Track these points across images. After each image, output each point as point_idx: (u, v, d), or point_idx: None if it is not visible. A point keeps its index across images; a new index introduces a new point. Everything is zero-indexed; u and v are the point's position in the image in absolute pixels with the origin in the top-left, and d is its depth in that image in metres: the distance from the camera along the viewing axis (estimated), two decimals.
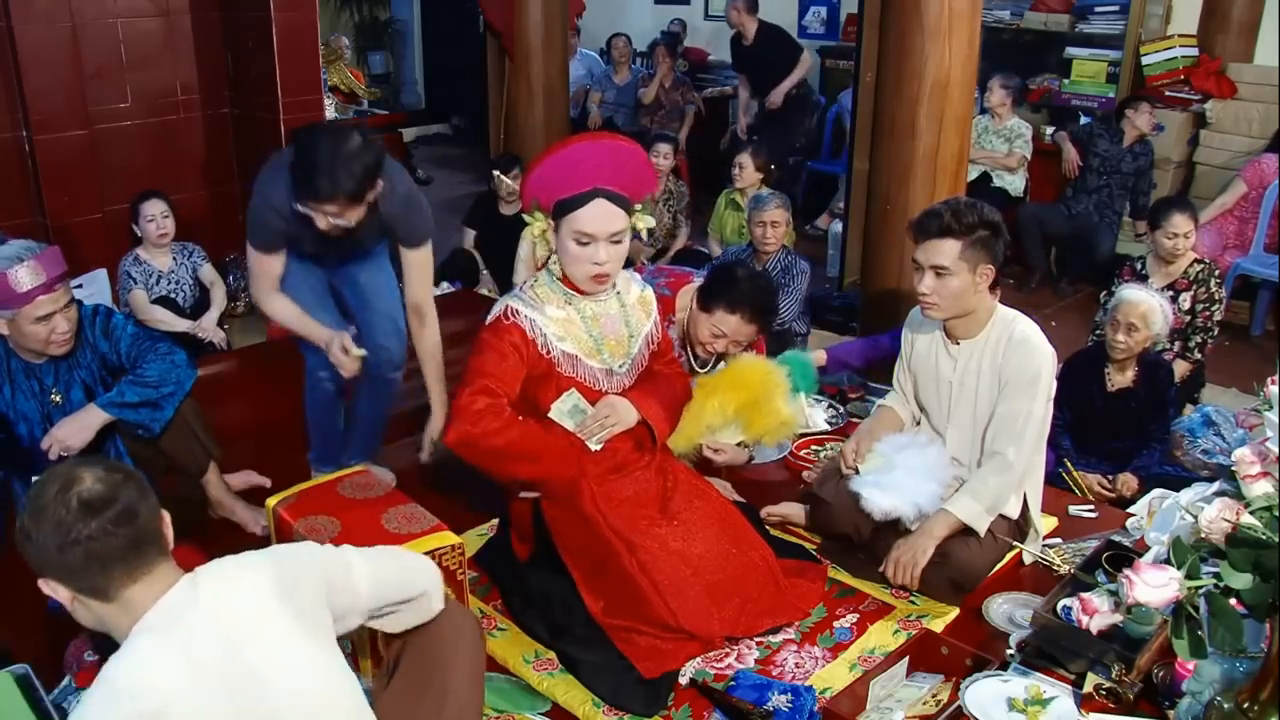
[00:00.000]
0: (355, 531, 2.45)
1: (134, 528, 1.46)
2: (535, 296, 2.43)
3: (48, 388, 2.64)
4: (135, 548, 1.46)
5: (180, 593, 1.49)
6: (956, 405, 2.68)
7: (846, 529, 2.70)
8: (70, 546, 1.43)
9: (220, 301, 4.75)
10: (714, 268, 3.21)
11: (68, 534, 1.43)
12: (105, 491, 1.45)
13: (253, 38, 4.97)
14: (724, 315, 3.01)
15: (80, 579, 1.46)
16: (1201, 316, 3.96)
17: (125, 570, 1.46)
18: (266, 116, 5.07)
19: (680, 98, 7.47)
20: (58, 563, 1.46)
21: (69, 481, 1.46)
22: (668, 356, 2.66)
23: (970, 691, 2.11)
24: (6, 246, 2.51)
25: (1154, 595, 1.67)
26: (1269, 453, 1.75)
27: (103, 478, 1.47)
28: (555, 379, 2.43)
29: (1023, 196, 5.96)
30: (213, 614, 1.49)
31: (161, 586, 1.49)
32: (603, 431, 2.46)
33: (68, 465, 1.50)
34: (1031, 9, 6.47)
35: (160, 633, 1.45)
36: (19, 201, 4.44)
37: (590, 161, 2.34)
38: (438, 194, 7.52)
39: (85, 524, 1.43)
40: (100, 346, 2.68)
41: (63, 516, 1.43)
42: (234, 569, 1.57)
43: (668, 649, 2.33)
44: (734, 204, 5.29)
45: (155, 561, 1.49)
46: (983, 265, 2.50)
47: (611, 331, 2.49)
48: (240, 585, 1.54)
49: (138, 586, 1.47)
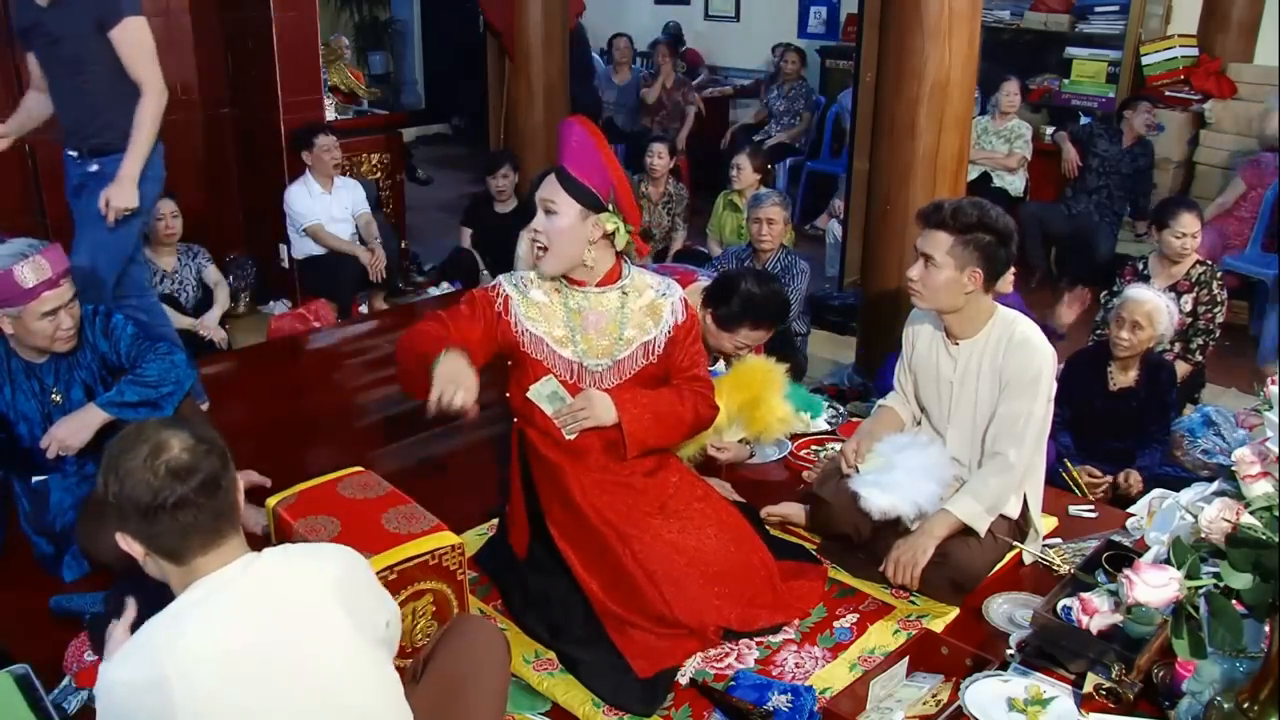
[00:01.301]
0: (355, 531, 2.45)
1: (216, 499, 1.50)
2: (526, 279, 2.50)
3: (48, 387, 2.64)
4: (215, 519, 1.51)
5: (236, 567, 1.53)
6: (956, 405, 2.68)
7: (846, 529, 2.70)
8: (156, 511, 1.46)
9: (223, 301, 4.77)
10: (721, 282, 3.19)
11: (154, 497, 1.46)
12: (191, 460, 1.49)
13: (253, 38, 4.98)
14: (749, 332, 3.12)
15: (159, 541, 1.50)
16: (1203, 318, 3.96)
17: (201, 540, 1.50)
18: (266, 116, 5.08)
19: (680, 98, 7.48)
20: (140, 525, 1.49)
21: (157, 447, 1.48)
22: (690, 372, 2.60)
23: (970, 691, 2.11)
24: (9, 244, 2.52)
25: (1154, 595, 1.67)
26: (1269, 453, 1.75)
27: (190, 446, 1.50)
28: (528, 362, 2.47)
29: (1023, 197, 5.96)
30: (261, 590, 1.52)
31: (227, 558, 1.53)
32: (575, 424, 2.46)
33: (154, 427, 1.52)
34: (1031, 9, 6.47)
35: (199, 599, 1.49)
36: (19, 202, 4.44)
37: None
38: (438, 194, 7.52)
39: (173, 491, 1.46)
40: (100, 346, 2.68)
41: (150, 481, 1.46)
42: (299, 554, 1.62)
43: (664, 647, 2.33)
44: (732, 205, 5.30)
45: (227, 535, 1.54)
46: (971, 268, 2.50)
47: (595, 328, 2.48)
48: (300, 569, 1.57)
49: (208, 557, 1.52)
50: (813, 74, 7.77)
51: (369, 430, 3.56)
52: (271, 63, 4.94)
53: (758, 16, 8.52)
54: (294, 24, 4.95)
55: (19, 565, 2.68)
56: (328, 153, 4.97)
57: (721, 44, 8.82)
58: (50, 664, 2.24)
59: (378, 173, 5.71)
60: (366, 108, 6.09)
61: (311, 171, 5.00)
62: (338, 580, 1.58)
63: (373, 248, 5.09)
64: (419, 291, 5.62)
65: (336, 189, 5.09)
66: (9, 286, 2.43)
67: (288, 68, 4.97)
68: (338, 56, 6.05)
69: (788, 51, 7.45)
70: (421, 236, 6.26)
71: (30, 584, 2.60)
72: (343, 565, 1.61)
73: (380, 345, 4.29)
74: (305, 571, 1.57)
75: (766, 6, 8.47)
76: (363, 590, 1.64)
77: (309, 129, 5.00)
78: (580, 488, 2.44)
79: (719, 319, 3.13)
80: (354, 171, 5.47)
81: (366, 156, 5.64)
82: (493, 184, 5.52)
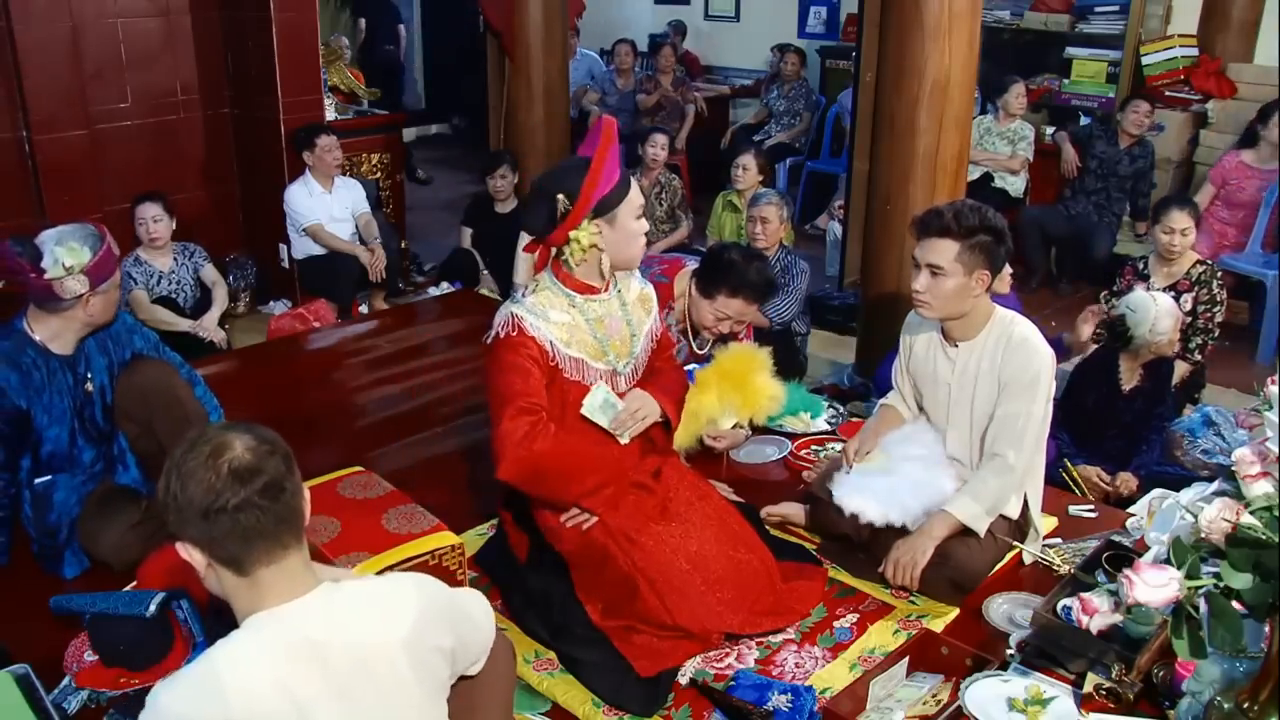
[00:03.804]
0: (355, 531, 2.45)
1: (280, 503, 1.43)
2: (538, 303, 2.40)
3: (81, 377, 2.67)
4: (278, 524, 1.44)
5: (315, 602, 1.47)
6: (955, 407, 2.68)
7: (846, 529, 2.70)
8: (217, 514, 1.40)
9: (221, 301, 4.75)
10: (708, 253, 3.26)
11: (216, 499, 1.39)
12: (254, 461, 1.42)
13: (253, 38, 4.98)
14: (726, 300, 3.11)
15: (220, 548, 1.43)
16: (1203, 317, 3.97)
17: (265, 548, 1.43)
18: (266, 116, 5.08)
19: (680, 97, 7.48)
20: (201, 528, 1.42)
21: (219, 447, 1.42)
22: (667, 352, 2.68)
23: (970, 691, 2.11)
24: (75, 227, 2.61)
25: (1154, 595, 1.66)
26: (1269, 453, 1.75)
27: (253, 447, 1.44)
28: (560, 384, 2.42)
29: (1023, 198, 5.97)
30: (335, 637, 1.45)
31: (295, 584, 1.47)
32: (635, 425, 2.45)
33: (217, 429, 1.47)
34: (1031, 9, 6.47)
35: (273, 636, 1.43)
36: (19, 201, 4.44)
37: (617, 148, 2.38)
38: (438, 194, 7.53)
39: (235, 493, 1.40)
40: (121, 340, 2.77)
41: (212, 482, 1.40)
42: (380, 595, 1.54)
43: (665, 647, 2.33)
44: (731, 205, 5.31)
45: (290, 546, 1.46)
46: (979, 270, 2.50)
47: (615, 332, 2.49)
48: (377, 617, 1.51)
49: (271, 569, 1.44)
50: (813, 74, 7.78)
51: (369, 430, 3.56)
52: (271, 63, 4.94)
53: (758, 16, 8.53)
54: (294, 24, 4.95)
55: (19, 565, 2.68)
56: (329, 153, 4.97)
57: (721, 44, 8.82)
58: (50, 664, 2.24)
59: (378, 173, 5.71)
60: (366, 107, 6.10)
61: (311, 171, 5.01)
62: (411, 631, 1.52)
63: (373, 248, 5.09)
64: (419, 291, 5.63)
65: (336, 189, 5.09)
66: (110, 261, 2.58)
67: (288, 68, 4.98)
68: (338, 56, 6.05)
69: (787, 51, 7.46)
70: (421, 236, 6.26)
71: (30, 584, 2.60)
72: (417, 611, 1.54)
73: (380, 345, 4.29)
74: (381, 620, 1.51)
75: (766, 6, 8.47)
76: (437, 627, 1.57)
77: (309, 129, 5.00)
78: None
79: (701, 284, 3.16)
80: (354, 171, 5.48)
81: (366, 156, 5.65)
82: (492, 184, 5.52)
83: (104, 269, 2.56)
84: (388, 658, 1.49)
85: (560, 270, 2.42)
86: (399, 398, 3.79)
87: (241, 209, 5.47)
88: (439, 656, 1.58)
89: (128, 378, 2.73)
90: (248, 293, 5.38)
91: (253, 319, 5.24)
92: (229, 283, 5.01)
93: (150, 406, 2.71)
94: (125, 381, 2.73)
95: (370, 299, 5.20)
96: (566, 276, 2.42)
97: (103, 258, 2.55)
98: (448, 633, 1.60)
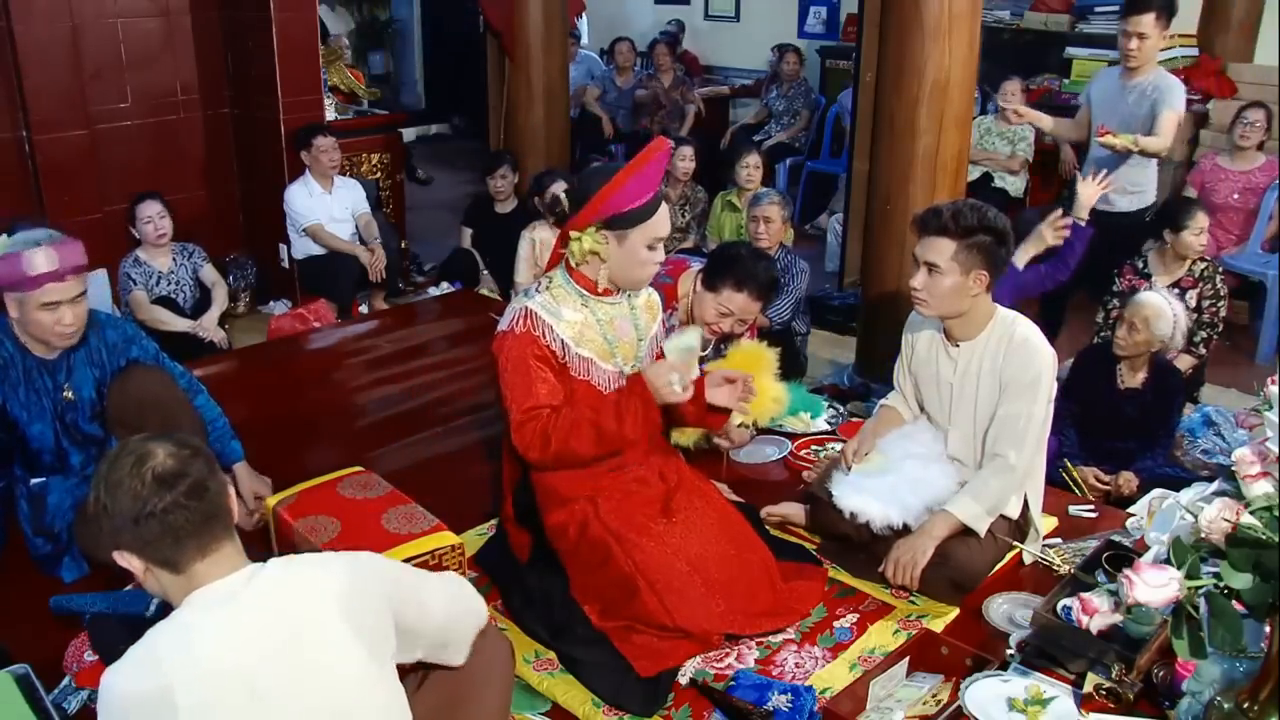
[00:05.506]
0: (355, 531, 2.45)
1: (205, 501, 1.51)
2: (552, 299, 2.41)
3: (59, 384, 2.65)
4: (206, 521, 1.51)
5: (240, 579, 1.53)
6: (957, 406, 2.68)
7: (846, 529, 2.69)
8: (146, 519, 1.48)
9: (221, 301, 4.74)
10: (714, 250, 3.28)
11: (144, 506, 1.48)
12: (177, 466, 1.50)
13: (253, 38, 4.98)
14: (730, 294, 3.13)
15: (154, 550, 1.51)
16: (1208, 312, 4.03)
17: (197, 544, 1.51)
18: (266, 116, 5.08)
19: (680, 97, 7.48)
20: (133, 534, 1.50)
21: (142, 457, 1.50)
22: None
23: (970, 691, 2.11)
24: (32, 231, 2.56)
25: (1154, 595, 1.66)
26: (1269, 453, 1.75)
27: (174, 453, 1.52)
28: (567, 382, 2.42)
29: (1023, 198, 5.96)
30: (265, 603, 1.51)
31: (226, 567, 1.53)
32: (689, 376, 2.38)
33: (138, 441, 1.54)
34: (1031, 9, 6.47)
35: (204, 610, 1.49)
36: (19, 201, 4.44)
37: (657, 172, 2.37)
38: (438, 194, 7.53)
39: (160, 497, 1.48)
40: (109, 337, 2.73)
41: (138, 489, 1.48)
42: (304, 565, 1.60)
43: (665, 647, 2.33)
44: (731, 205, 5.31)
45: (222, 538, 1.54)
46: (977, 270, 2.50)
47: (624, 335, 2.49)
48: (304, 581, 1.56)
49: (205, 563, 1.52)
50: (813, 74, 7.78)
51: (369, 430, 3.56)
52: (271, 63, 4.94)
53: (757, 16, 8.53)
54: (294, 24, 4.95)
55: (19, 565, 2.68)
56: (326, 153, 4.97)
57: (721, 44, 8.82)
58: (50, 664, 2.24)
59: (378, 173, 5.71)
60: (366, 107, 6.10)
61: (311, 171, 5.01)
62: (342, 593, 1.56)
63: (372, 248, 5.09)
64: (419, 291, 5.63)
65: (336, 189, 5.09)
66: (14, 270, 2.46)
67: (288, 68, 4.98)
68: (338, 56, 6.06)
69: (787, 51, 7.46)
70: (421, 236, 6.26)
71: (30, 584, 2.60)
72: (348, 576, 1.59)
73: (380, 345, 4.30)
74: (308, 584, 1.56)
75: (766, 6, 8.47)
76: (372, 600, 1.60)
77: (308, 130, 5.00)
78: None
79: (706, 277, 3.19)
80: (354, 171, 5.48)
81: (366, 156, 5.64)
82: (492, 184, 5.52)
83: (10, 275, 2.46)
84: (323, 617, 1.53)
85: (573, 269, 2.43)
86: (399, 398, 3.79)
87: (241, 209, 5.47)
88: (380, 635, 1.61)
89: (121, 385, 2.71)
90: (248, 293, 5.38)
91: (253, 319, 5.24)
92: (229, 283, 5.00)
93: (143, 415, 2.68)
94: (118, 389, 2.70)
95: (370, 299, 5.20)
96: (579, 275, 2.43)
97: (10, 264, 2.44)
98: (384, 612, 1.62)
